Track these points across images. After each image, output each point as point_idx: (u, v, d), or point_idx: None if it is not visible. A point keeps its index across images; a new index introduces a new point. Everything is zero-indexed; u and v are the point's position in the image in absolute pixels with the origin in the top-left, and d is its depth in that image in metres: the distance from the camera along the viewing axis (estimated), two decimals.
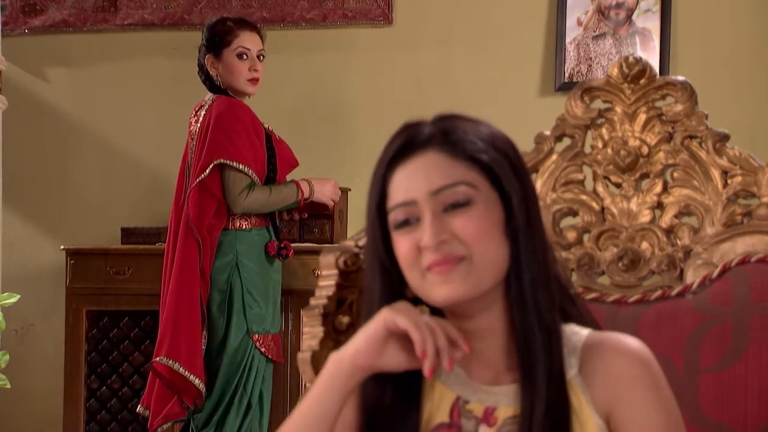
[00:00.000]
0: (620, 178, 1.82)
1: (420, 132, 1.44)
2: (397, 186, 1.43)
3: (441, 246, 1.38)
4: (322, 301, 1.69)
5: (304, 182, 4.00)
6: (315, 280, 3.95)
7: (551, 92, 4.84)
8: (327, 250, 1.72)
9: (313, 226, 4.58)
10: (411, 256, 1.41)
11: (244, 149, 3.82)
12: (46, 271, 5.13)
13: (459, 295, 1.39)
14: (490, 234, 1.39)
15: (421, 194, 1.40)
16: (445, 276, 1.38)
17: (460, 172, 1.40)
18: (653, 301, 1.74)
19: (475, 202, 1.40)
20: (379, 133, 5.83)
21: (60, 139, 5.24)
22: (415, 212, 1.41)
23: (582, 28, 4.82)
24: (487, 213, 1.40)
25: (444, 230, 1.39)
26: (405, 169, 1.43)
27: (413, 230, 1.41)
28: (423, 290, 1.42)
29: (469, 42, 4.95)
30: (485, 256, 1.39)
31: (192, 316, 3.79)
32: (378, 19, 5.04)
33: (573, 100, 1.83)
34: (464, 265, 1.38)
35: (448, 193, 1.40)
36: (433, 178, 1.40)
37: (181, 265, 3.82)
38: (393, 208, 1.43)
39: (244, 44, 3.96)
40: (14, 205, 5.14)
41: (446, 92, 4.89)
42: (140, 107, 5.17)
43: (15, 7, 5.28)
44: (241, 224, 3.88)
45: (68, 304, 4.69)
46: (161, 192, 4.98)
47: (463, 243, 1.39)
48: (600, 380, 1.39)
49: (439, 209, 1.40)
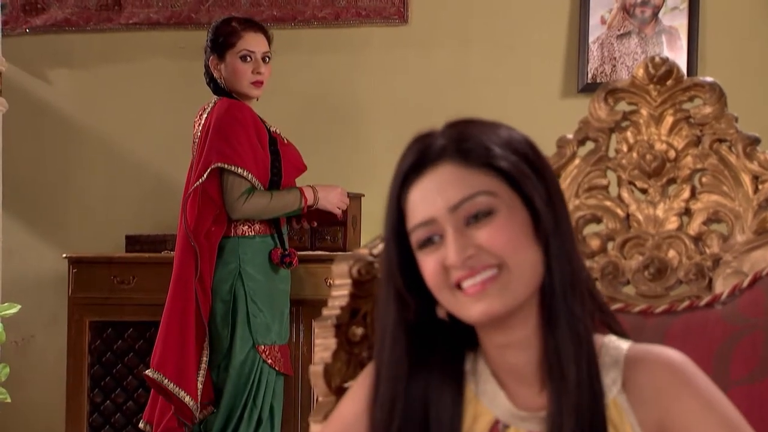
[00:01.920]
0: (646, 184, 1.82)
1: (431, 144, 1.43)
2: (414, 205, 1.42)
3: (467, 262, 1.38)
4: (335, 311, 1.69)
5: (309, 189, 3.99)
6: (327, 289, 3.95)
7: (574, 94, 4.83)
8: (340, 259, 1.72)
9: (325, 234, 4.58)
10: (438, 276, 1.40)
11: (243, 152, 3.83)
12: (48, 280, 5.15)
13: (496, 310, 1.38)
14: (519, 240, 1.38)
15: (440, 211, 1.39)
16: (480, 292, 1.38)
17: (477, 182, 1.39)
18: (681, 311, 1.73)
19: (497, 211, 1.38)
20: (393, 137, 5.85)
21: (62, 142, 5.25)
22: (437, 230, 1.40)
23: (606, 26, 4.81)
24: (511, 219, 1.39)
25: (469, 245, 1.38)
26: (420, 187, 1.41)
27: (438, 248, 1.40)
28: (456, 309, 1.41)
29: (487, 41, 4.95)
30: (521, 264, 1.38)
31: (184, 327, 3.79)
32: (392, 17, 5.04)
33: (597, 102, 1.83)
34: (500, 278, 1.38)
35: (467, 206, 1.38)
36: (450, 193, 1.39)
37: (176, 273, 3.84)
38: (413, 228, 1.41)
39: (248, 46, 3.96)
40: (14, 211, 5.16)
41: (463, 94, 4.89)
42: (145, 110, 5.19)
43: (15, 6, 5.30)
44: (244, 231, 3.89)
45: (70, 314, 4.70)
46: (167, 198, 4.99)
47: (492, 254, 1.38)
48: (647, 398, 1.39)
49: (461, 223, 1.39)
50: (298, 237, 4.49)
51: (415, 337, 1.44)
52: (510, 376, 1.44)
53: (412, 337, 1.43)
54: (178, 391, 3.76)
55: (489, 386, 1.45)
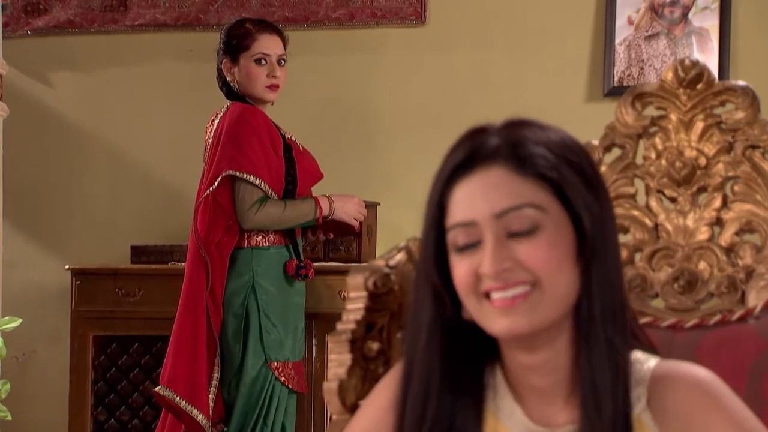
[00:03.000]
0: (675, 192, 1.82)
1: (485, 143, 1.41)
2: (457, 203, 1.41)
3: (502, 274, 1.37)
4: (350, 325, 1.70)
5: (324, 198, 3.99)
6: (341, 302, 3.96)
7: (599, 98, 4.83)
8: (355, 271, 1.72)
9: (339, 244, 4.59)
10: (469, 282, 1.40)
11: (256, 160, 3.83)
12: (50, 293, 5.16)
13: (521, 328, 1.38)
14: (560, 262, 1.38)
15: (483, 216, 1.38)
16: (508, 307, 1.38)
17: (527, 192, 1.38)
18: (712, 326, 1.73)
19: (542, 227, 1.38)
20: (410, 143, 5.82)
21: (65, 149, 5.27)
22: (476, 234, 1.39)
23: (633, 27, 4.81)
24: (556, 238, 1.38)
25: (506, 258, 1.37)
26: (467, 185, 1.40)
27: (473, 253, 1.39)
28: (481, 318, 1.41)
29: (509, 42, 4.95)
30: (556, 286, 1.38)
31: (196, 342, 3.79)
32: (410, 18, 5.05)
33: (623, 106, 1.84)
34: (531, 296, 1.37)
35: (513, 216, 1.38)
36: (497, 199, 1.38)
37: (186, 286, 3.85)
38: (452, 227, 1.41)
39: (264, 49, 3.96)
40: (15, 221, 5.18)
41: (484, 98, 4.89)
42: (152, 115, 5.20)
43: (17, 7, 5.32)
44: (257, 241, 3.89)
45: (73, 328, 4.71)
46: (174, 207, 5.00)
47: (529, 271, 1.37)
48: (673, 418, 1.39)
49: (503, 233, 1.38)
50: (311, 248, 4.49)
51: (449, 337, 1.43)
52: (529, 392, 1.45)
53: (446, 337, 1.43)
54: (190, 409, 3.76)
55: (506, 401, 1.46)
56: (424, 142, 4.88)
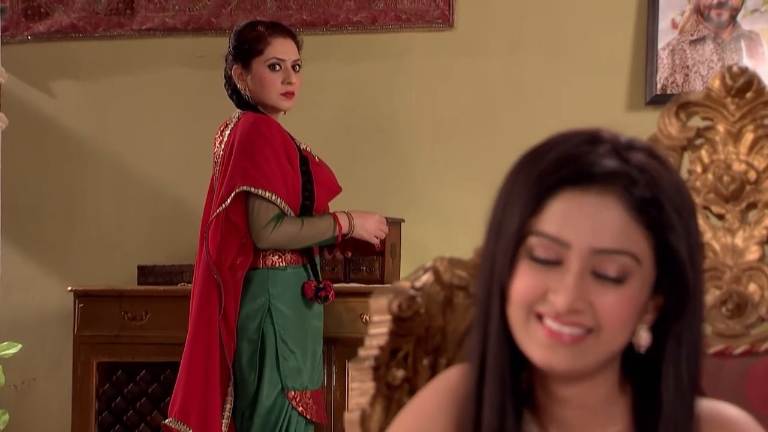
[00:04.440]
0: (723, 209, 1.81)
1: (603, 162, 1.39)
2: (555, 214, 1.39)
3: (571, 314, 1.38)
4: (373, 351, 1.70)
5: (343, 215, 3.98)
6: (363, 327, 3.96)
7: (641, 107, 4.82)
8: (378, 292, 1.72)
9: (361, 264, 4.59)
10: (530, 297, 1.39)
11: (271, 174, 3.82)
12: (51, 316, 5.18)
13: (563, 369, 1.40)
14: (630, 319, 1.39)
15: (581, 244, 1.38)
16: (557, 342, 1.38)
17: (631, 238, 1.38)
18: (763, 352, 1.73)
19: (631, 280, 1.38)
20: (437, 155, 5.80)
21: (67, 162, 5.29)
22: (560, 254, 1.39)
23: (677, 31, 4.81)
24: (638, 296, 1.39)
25: (583, 298, 1.37)
26: (573, 202, 1.39)
27: (548, 270, 1.39)
28: (522, 336, 1.41)
29: (543, 48, 4.95)
30: (613, 340, 1.39)
31: (209, 371, 3.79)
32: (436, 21, 5.06)
33: (667, 116, 1.84)
34: (584, 341, 1.38)
35: (609, 258, 1.38)
36: (603, 235, 1.37)
37: (197, 311, 3.84)
38: (538, 234, 1.40)
39: (277, 54, 3.96)
40: (14, 239, 5.20)
41: (517, 107, 4.89)
42: (160, 126, 5.22)
43: (16, 11, 5.35)
44: (273, 261, 3.89)
45: (76, 354, 4.73)
46: (184, 225, 5.02)
47: (596, 319, 1.38)
48: None
49: (589, 269, 1.38)
50: (330, 267, 4.49)
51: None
52: (550, 422, 1.46)
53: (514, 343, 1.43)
54: None
55: (531, 428, 1.47)
56: (452, 154, 4.88)
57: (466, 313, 1.69)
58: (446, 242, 4.44)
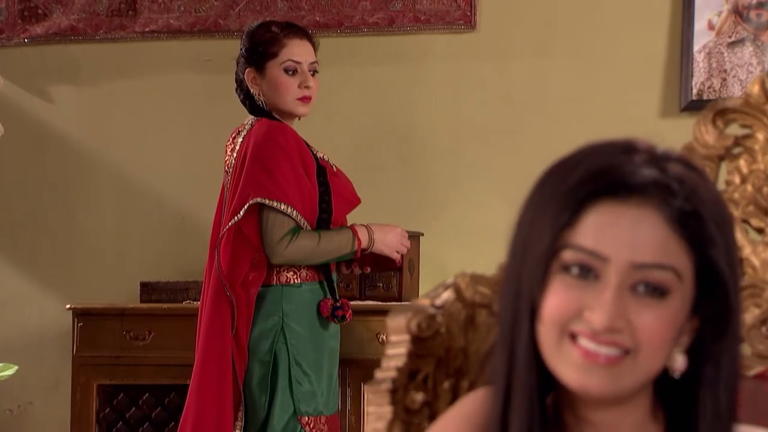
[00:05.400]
0: (763, 222, 1.81)
1: (639, 171, 1.39)
2: (589, 226, 1.39)
3: (609, 333, 1.37)
4: (391, 373, 1.70)
5: (363, 229, 3.96)
6: (380, 347, 3.95)
7: (675, 113, 4.82)
8: (396, 311, 1.73)
9: (377, 280, 4.59)
10: (565, 315, 1.39)
11: (287, 185, 3.81)
12: (49, 336, 5.19)
13: (598, 393, 1.39)
14: (670, 339, 1.39)
15: (620, 259, 1.38)
16: (593, 364, 1.38)
17: (675, 254, 1.38)
18: None
19: (671, 297, 1.38)
20: (458, 165, 5.80)
21: (66, 172, 5.30)
22: (598, 269, 1.38)
23: (714, 32, 4.80)
24: (678, 315, 1.39)
25: (622, 315, 1.37)
26: (608, 213, 1.39)
27: (584, 286, 1.39)
28: (554, 357, 1.41)
29: (571, 50, 4.95)
30: (651, 362, 1.39)
31: (221, 394, 3.79)
32: (458, 22, 5.06)
33: (703, 124, 1.84)
34: (621, 363, 1.38)
35: (650, 273, 1.37)
36: (644, 249, 1.37)
37: (208, 329, 3.83)
38: (573, 247, 1.39)
39: (294, 56, 3.95)
40: (10, 254, 5.21)
41: (543, 114, 4.89)
42: (165, 134, 5.23)
43: (12, 12, 5.37)
44: (288, 278, 3.88)
45: (75, 377, 4.73)
46: (189, 239, 5.03)
47: (635, 339, 1.38)
48: None
49: (628, 285, 1.38)
50: (344, 284, 4.49)
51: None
52: None
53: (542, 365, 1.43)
54: None
55: None
56: (474, 164, 4.88)
57: (489, 332, 1.69)
58: (467, 257, 4.43)
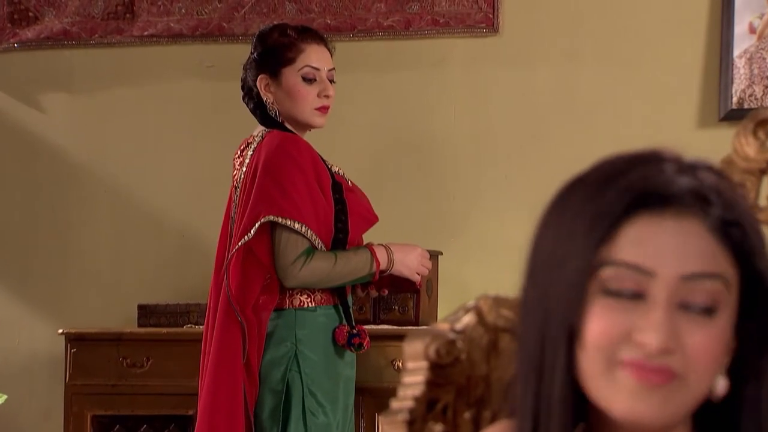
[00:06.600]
0: None
1: (676, 180, 1.40)
2: (629, 240, 1.38)
3: (663, 354, 1.37)
4: (408, 403, 1.70)
5: (381, 249, 3.94)
6: (396, 375, 3.95)
7: (714, 123, 4.82)
8: (413, 336, 1.73)
9: (393, 303, 4.59)
10: (614, 340, 1.38)
11: (301, 202, 3.80)
12: (40, 362, 5.19)
13: (650, 420, 1.39)
14: (721, 358, 1.40)
15: (668, 271, 1.37)
16: (646, 387, 1.37)
17: (720, 260, 1.38)
18: None
19: (721, 310, 1.38)
20: (479, 178, 5.80)
21: (59, 186, 5.32)
22: (643, 285, 1.38)
23: (756, 36, 4.80)
24: (725, 332, 1.39)
25: (674, 334, 1.37)
26: (648, 225, 1.38)
27: (629, 307, 1.38)
28: (600, 385, 1.40)
29: (600, 55, 4.96)
30: (700, 384, 1.39)
31: (233, 426, 3.79)
32: (479, 25, 5.07)
33: (743, 135, 1.84)
34: (672, 384, 1.38)
35: (700, 284, 1.37)
36: (691, 258, 1.37)
37: (218, 356, 3.82)
38: (613, 263, 1.39)
39: (312, 62, 3.92)
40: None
41: (570, 123, 4.89)
42: (165, 145, 5.24)
43: (1, 15, 5.38)
44: (301, 301, 3.86)
45: (68, 406, 4.74)
46: (191, 259, 5.03)
47: (686, 361, 1.37)
48: None
49: (676, 300, 1.37)
50: (357, 306, 4.48)
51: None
52: None
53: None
54: None
55: None
56: (497, 177, 4.88)
57: (514, 359, 1.70)
58: (489, 278, 4.43)
